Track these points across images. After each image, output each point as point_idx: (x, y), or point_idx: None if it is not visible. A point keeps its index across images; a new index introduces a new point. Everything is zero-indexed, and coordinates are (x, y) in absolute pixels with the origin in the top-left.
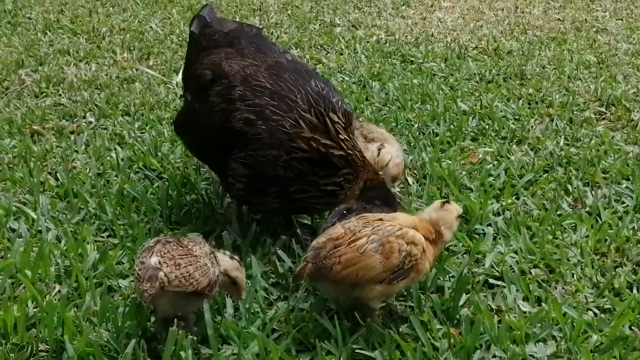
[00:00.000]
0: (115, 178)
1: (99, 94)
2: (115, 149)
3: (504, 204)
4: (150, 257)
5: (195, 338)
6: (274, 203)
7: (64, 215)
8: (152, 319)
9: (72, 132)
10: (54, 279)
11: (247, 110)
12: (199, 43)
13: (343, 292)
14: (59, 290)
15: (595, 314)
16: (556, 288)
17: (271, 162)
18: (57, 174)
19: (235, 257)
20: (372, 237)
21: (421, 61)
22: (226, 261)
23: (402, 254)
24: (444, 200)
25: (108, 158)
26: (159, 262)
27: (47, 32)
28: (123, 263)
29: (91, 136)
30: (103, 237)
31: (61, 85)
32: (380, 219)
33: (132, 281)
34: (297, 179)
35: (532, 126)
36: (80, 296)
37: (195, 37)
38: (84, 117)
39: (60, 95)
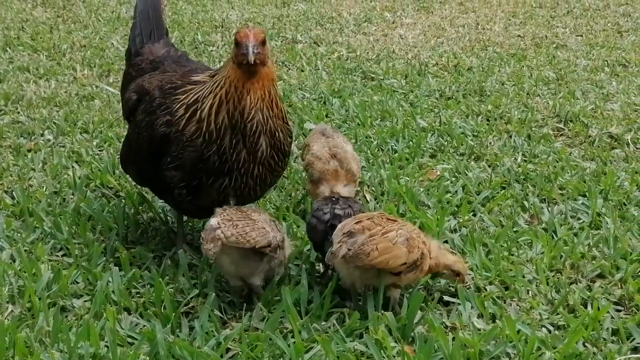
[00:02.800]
0: (72, 196)
1: (57, 112)
2: (72, 167)
3: (460, 220)
4: (210, 219)
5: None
6: (222, 192)
7: (18, 234)
8: (106, 338)
9: (29, 150)
10: (7, 299)
11: (165, 114)
12: (130, 75)
13: (366, 278)
14: (12, 311)
15: (549, 331)
16: (511, 305)
17: (192, 151)
18: (13, 193)
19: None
20: (399, 231)
21: (382, 78)
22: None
23: (419, 251)
24: None
25: (65, 176)
26: (218, 223)
27: (7, 49)
28: (77, 282)
29: (49, 154)
30: (58, 256)
31: (20, 102)
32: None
33: (86, 301)
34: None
35: (490, 143)
36: (33, 316)
37: (126, 72)
38: (42, 135)
39: (18, 112)
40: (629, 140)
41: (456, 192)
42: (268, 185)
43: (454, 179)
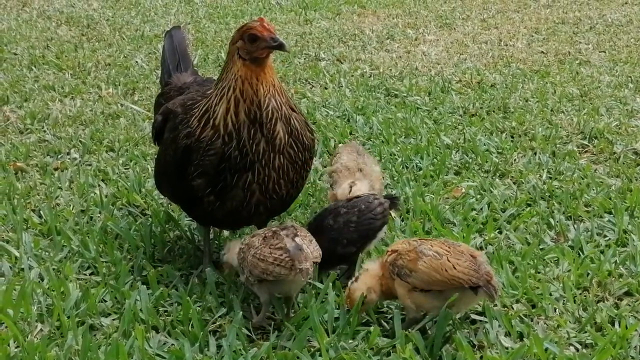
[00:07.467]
0: (99, 215)
1: (83, 130)
2: (99, 185)
3: (486, 238)
4: (293, 241)
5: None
6: (248, 189)
7: (46, 253)
8: (135, 357)
9: (56, 169)
10: (36, 318)
11: (186, 127)
12: (160, 104)
13: None
14: (41, 330)
15: (577, 349)
16: (538, 323)
17: (212, 154)
18: (41, 211)
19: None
20: None
21: (405, 95)
22: None
23: None
24: None
25: (92, 195)
26: (302, 243)
27: (33, 67)
28: (105, 301)
29: (75, 173)
30: (86, 274)
31: (46, 121)
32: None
33: (114, 319)
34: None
35: (515, 160)
36: (62, 335)
37: (156, 100)
38: (68, 154)
39: (44, 131)
40: None
41: (481, 209)
42: (292, 182)
43: (479, 196)
